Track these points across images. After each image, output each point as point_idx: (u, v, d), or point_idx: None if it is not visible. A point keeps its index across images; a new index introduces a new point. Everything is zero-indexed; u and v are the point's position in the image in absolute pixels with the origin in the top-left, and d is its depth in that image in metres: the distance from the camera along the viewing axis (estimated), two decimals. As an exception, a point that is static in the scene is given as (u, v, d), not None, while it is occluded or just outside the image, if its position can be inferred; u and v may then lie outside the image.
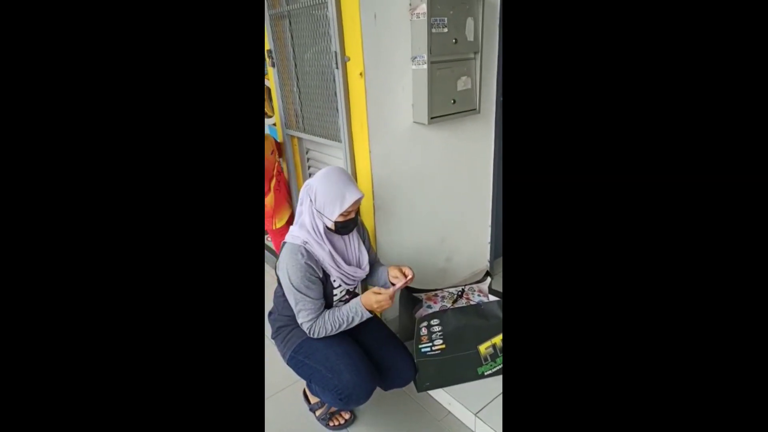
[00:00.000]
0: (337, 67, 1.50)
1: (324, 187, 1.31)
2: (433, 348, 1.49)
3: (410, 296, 1.67)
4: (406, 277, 1.38)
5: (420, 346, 1.49)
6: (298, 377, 1.44)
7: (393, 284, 1.40)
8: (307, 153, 2.00)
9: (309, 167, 2.02)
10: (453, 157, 1.82)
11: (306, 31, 1.71)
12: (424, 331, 1.50)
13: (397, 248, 1.78)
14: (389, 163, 1.61)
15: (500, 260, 2.27)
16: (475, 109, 1.73)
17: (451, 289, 1.70)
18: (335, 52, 1.49)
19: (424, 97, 1.54)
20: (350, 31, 1.43)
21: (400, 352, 1.49)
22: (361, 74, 1.44)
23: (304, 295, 1.32)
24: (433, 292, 1.70)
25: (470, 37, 1.60)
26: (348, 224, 1.36)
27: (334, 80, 1.56)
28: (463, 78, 1.64)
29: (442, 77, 1.57)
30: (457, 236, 1.99)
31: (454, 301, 1.63)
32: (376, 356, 1.46)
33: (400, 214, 1.73)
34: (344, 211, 1.30)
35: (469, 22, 1.58)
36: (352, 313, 1.35)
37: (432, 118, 1.57)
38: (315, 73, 1.74)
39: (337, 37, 1.46)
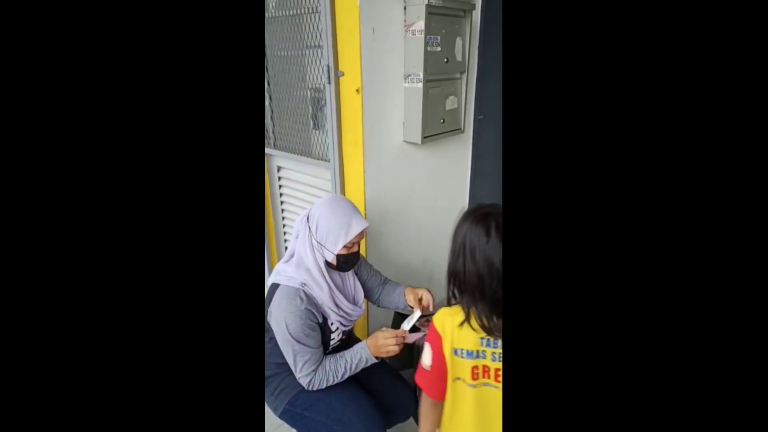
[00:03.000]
0: (329, 82, 1.40)
1: (327, 214, 1.20)
2: (436, 377, 1.42)
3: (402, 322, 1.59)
4: (421, 303, 1.31)
5: (423, 376, 1.41)
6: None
7: (411, 307, 1.32)
8: (278, 171, 1.85)
9: (281, 187, 1.87)
10: (437, 177, 1.78)
11: (288, 42, 1.59)
12: (426, 360, 1.43)
13: (383, 271, 1.69)
14: (380, 184, 1.54)
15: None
16: (460, 129, 1.72)
17: (442, 313, 1.65)
18: (327, 66, 1.39)
19: (417, 117, 1.48)
20: (346, 44, 1.34)
21: (399, 384, 1.41)
22: (357, 90, 1.36)
23: (304, 345, 1.17)
24: (425, 318, 1.64)
25: (459, 57, 1.59)
26: (351, 259, 1.25)
27: (323, 95, 1.46)
28: (451, 97, 1.63)
29: (434, 96, 1.53)
30: (437, 256, 1.95)
31: (449, 325, 1.58)
32: (374, 392, 1.36)
33: (387, 237, 1.66)
34: (348, 243, 1.20)
35: (458, 41, 1.57)
36: (356, 359, 1.22)
37: (424, 137, 1.53)
38: (294, 87, 1.62)
39: (330, 50, 1.36)
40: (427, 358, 0.93)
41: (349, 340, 1.44)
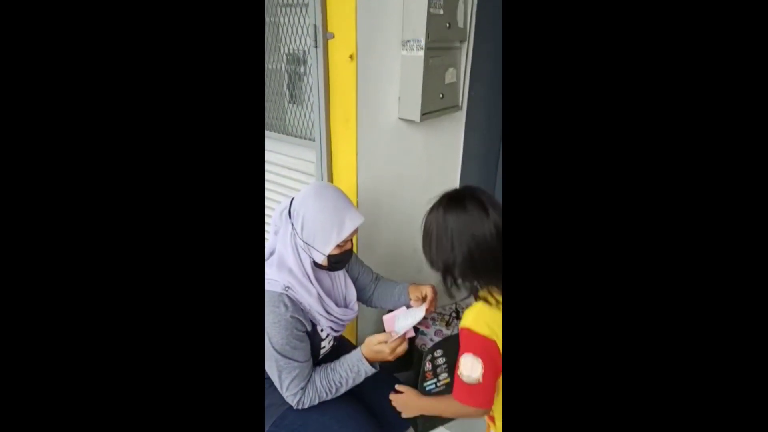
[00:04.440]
0: (316, 46, 1.17)
1: (315, 210, 1.00)
2: (438, 384, 1.29)
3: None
4: (425, 300, 1.16)
5: (425, 384, 1.27)
6: None
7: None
8: (249, 151, 1.61)
9: (252, 169, 1.63)
10: (430, 159, 1.61)
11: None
12: (428, 366, 1.28)
13: (371, 263, 1.53)
14: (373, 169, 1.35)
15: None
16: (457, 106, 1.54)
17: (439, 310, 1.51)
18: (315, 27, 1.16)
19: (417, 90, 1.29)
20: (337, 1, 1.12)
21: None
22: (351, 57, 1.15)
23: (290, 359, 1.00)
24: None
25: (460, 23, 1.40)
26: (344, 257, 1.07)
27: (302, 63, 1.24)
28: (451, 69, 1.44)
29: (434, 67, 1.34)
30: (426, 245, 1.80)
31: (448, 323, 1.44)
32: (369, 403, 1.21)
33: (377, 227, 1.48)
34: (341, 241, 1.02)
35: (460, 4, 1.38)
36: (352, 374, 1.06)
37: (423, 114, 1.34)
38: (266, 52, 1.38)
39: (318, 7, 1.13)
40: (475, 372, 0.81)
41: (341, 345, 1.27)
